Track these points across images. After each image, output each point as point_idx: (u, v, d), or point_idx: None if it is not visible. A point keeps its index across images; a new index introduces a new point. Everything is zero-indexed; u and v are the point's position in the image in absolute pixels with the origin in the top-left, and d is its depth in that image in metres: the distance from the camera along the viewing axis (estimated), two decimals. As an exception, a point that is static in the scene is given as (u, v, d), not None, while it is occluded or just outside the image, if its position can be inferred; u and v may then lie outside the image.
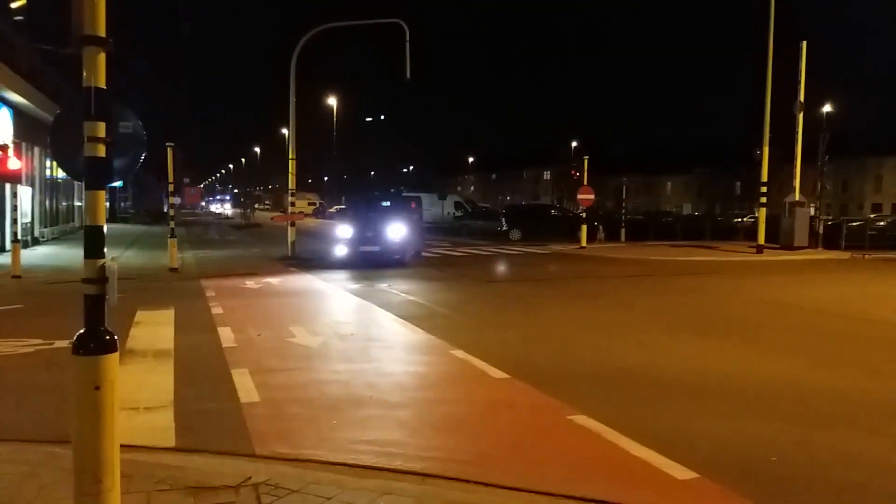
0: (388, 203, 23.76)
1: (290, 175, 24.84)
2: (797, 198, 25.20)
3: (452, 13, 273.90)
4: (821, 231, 26.06)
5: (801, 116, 24.97)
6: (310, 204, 71.57)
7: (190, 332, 9.65)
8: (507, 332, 9.96)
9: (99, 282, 3.58)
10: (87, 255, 3.62)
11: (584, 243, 26.28)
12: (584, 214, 27.71)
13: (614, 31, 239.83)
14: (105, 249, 3.69)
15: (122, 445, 3.69)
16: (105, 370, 3.56)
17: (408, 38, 22.13)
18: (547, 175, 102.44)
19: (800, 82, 24.55)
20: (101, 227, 3.66)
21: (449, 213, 46.01)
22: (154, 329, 9.79)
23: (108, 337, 3.59)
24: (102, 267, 3.60)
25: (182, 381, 7.03)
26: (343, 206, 59.92)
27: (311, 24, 23.34)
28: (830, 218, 35.49)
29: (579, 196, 27.06)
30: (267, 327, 10.08)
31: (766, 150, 23.39)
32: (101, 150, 3.62)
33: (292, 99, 24.05)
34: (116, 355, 3.64)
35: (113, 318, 3.62)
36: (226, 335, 9.34)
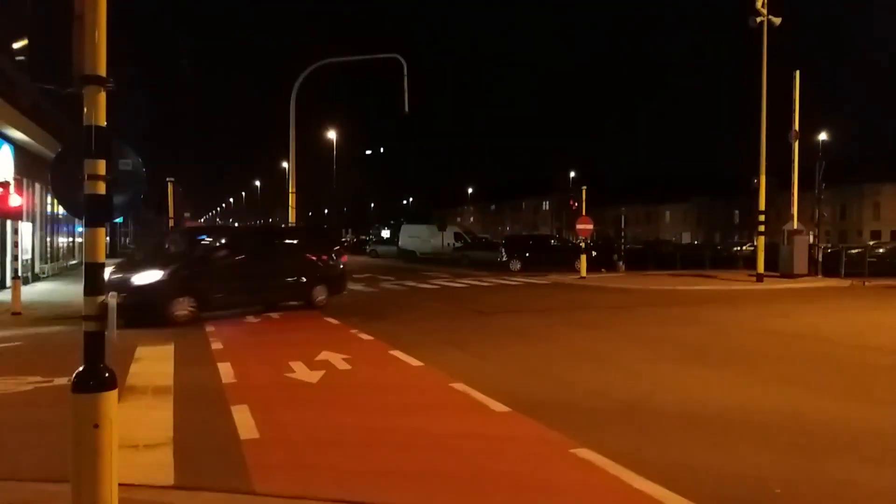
0: (175, 236, 18.04)
1: (290, 209, 24.97)
2: (795, 226, 25.25)
3: (451, 47, 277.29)
4: (820, 259, 26.08)
5: (796, 145, 25.13)
6: None
7: (190, 367, 9.61)
8: (508, 365, 9.91)
9: (98, 319, 3.60)
10: (87, 292, 3.63)
11: (584, 273, 26.27)
12: (583, 245, 27.73)
13: (612, 62, 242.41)
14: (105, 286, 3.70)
15: (120, 484, 3.67)
16: (104, 408, 3.55)
17: (405, 73, 22.41)
18: (546, 205, 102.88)
19: (794, 111, 24.77)
20: (102, 263, 3.68)
21: (449, 244, 46.09)
22: (154, 365, 9.75)
23: (107, 374, 3.59)
24: (102, 304, 3.61)
25: (182, 417, 6.99)
26: None
27: (311, 59, 23.66)
28: (829, 245, 35.53)
29: (578, 226, 27.10)
30: (267, 363, 10.04)
31: (762, 178, 23.48)
32: (102, 188, 3.66)
33: (292, 133, 24.28)
34: (115, 393, 3.63)
35: (113, 354, 3.62)
36: (226, 371, 9.30)
